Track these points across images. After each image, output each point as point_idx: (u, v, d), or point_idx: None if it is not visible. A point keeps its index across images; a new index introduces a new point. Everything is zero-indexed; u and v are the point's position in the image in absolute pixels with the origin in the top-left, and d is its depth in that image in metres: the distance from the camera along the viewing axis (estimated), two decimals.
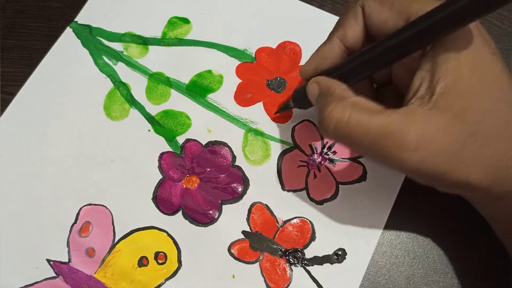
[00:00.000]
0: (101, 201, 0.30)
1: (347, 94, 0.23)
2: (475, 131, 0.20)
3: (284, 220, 0.29)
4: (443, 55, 0.21)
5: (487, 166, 0.21)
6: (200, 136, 0.31)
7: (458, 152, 0.20)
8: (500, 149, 0.21)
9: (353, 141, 0.22)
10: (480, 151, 0.21)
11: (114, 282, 0.28)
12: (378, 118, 0.21)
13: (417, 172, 0.21)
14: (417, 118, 0.21)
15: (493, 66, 0.21)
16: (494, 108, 0.21)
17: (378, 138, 0.21)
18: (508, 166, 0.21)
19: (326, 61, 0.25)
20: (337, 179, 0.30)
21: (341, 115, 0.21)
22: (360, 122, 0.21)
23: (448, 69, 0.21)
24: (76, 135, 0.31)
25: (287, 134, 0.31)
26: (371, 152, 0.22)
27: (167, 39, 0.34)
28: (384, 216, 0.29)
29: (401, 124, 0.20)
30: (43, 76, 0.33)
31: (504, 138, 0.21)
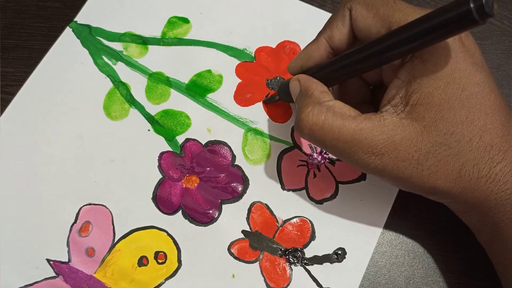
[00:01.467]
0: (101, 200, 0.30)
1: (324, 98, 0.23)
2: (446, 141, 0.21)
3: (284, 219, 0.29)
4: (420, 66, 0.21)
5: (456, 175, 0.22)
6: (199, 135, 0.31)
7: (422, 160, 0.22)
8: (471, 159, 0.22)
9: (326, 144, 0.23)
10: (448, 160, 0.22)
11: (114, 282, 0.28)
12: (350, 124, 0.22)
13: (382, 174, 0.23)
14: (387, 127, 0.22)
15: (472, 77, 0.21)
16: (469, 119, 0.21)
17: (348, 143, 0.22)
18: (480, 176, 0.22)
19: (312, 60, 0.26)
20: (336, 179, 0.30)
21: (316, 118, 0.23)
22: (332, 126, 0.22)
23: (422, 81, 0.21)
24: (76, 135, 0.31)
25: (287, 134, 0.31)
26: (342, 155, 0.23)
27: (167, 39, 0.34)
28: (384, 216, 0.29)
29: (371, 132, 0.22)
30: (43, 76, 0.33)
31: (477, 148, 0.21)
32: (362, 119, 0.22)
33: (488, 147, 0.21)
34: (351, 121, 0.22)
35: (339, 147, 0.23)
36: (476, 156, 0.21)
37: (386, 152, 0.22)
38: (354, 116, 0.22)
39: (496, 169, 0.22)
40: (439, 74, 0.21)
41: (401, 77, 0.22)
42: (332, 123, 0.22)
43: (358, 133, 0.22)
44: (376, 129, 0.22)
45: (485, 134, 0.21)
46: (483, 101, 0.21)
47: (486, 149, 0.21)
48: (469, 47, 0.22)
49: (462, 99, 0.21)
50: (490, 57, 0.33)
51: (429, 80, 0.21)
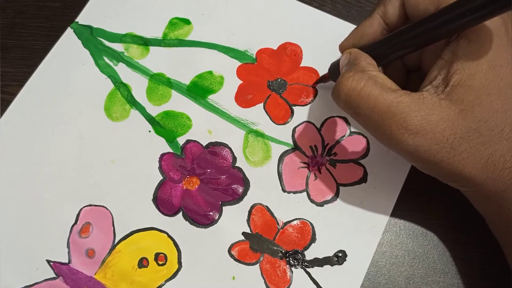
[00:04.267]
0: (101, 202, 0.30)
1: (369, 68, 0.23)
2: (479, 128, 0.21)
3: (284, 221, 0.29)
4: (465, 48, 0.21)
5: (483, 163, 0.22)
6: (200, 137, 0.31)
7: (456, 144, 0.21)
8: (500, 149, 0.21)
9: (360, 112, 0.22)
10: (479, 148, 0.21)
11: (114, 283, 0.28)
12: (388, 96, 0.22)
13: (413, 155, 0.22)
14: (426, 105, 0.21)
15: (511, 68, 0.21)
16: (504, 109, 0.21)
17: (383, 115, 0.22)
18: (505, 167, 0.22)
19: (365, 37, 0.26)
20: (337, 181, 0.30)
21: (356, 84, 0.22)
22: (370, 94, 0.22)
23: (466, 63, 0.21)
24: (77, 136, 0.31)
25: (288, 136, 0.31)
26: (375, 127, 0.22)
27: (168, 40, 0.34)
28: (385, 218, 0.29)
29: (408, 106, 0.21)
30: (44, 76, 0.33)
31: (507, 139, 0.21)
32: (402, 93, 0.22)
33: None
34: (390, 93, 0.22)
35: (373, 117, 0.22)
36: (504, 147, 0.21)
37: (421, 131, 0.21)
38: (394, 89, 0.22)
39: None
40: (481, 57, 0.21)
41: (444, 57, 0.22)
42: (371, 91, 0.22)
43: (394, 106, 0.21)
44: (414, 105, 0.21)
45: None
46: None
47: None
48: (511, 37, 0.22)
49: (500, 88, 0.21)
50: None
51: (472, 61, 0.21)
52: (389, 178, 0.30)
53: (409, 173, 0.30)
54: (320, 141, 0.31)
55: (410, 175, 0.30)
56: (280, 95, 0.32)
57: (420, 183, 0.29)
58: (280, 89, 0.32)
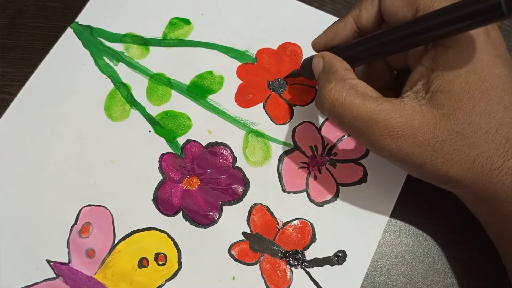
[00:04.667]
0: (101, 202, 0.30)
1: (347, 75, 0.24)
2: (463, 130, 0.21)
3: (284, 221, 0.29)
4: (443, 54, 0.21)
5: (469, 165, 0.22)
6: (200, 137, 0.31)
7: (438, 147, 0.22)
8: (486, 151, 0.22)
9: (344, 122, 0.23)
10: (463, 150, 0.22)
11: (114, 283, 0.28)
12: (370, 104, 0.22)
13: (396, 158, 0.23)
14: (406, 111, 0.22)
15: (494, 69, 0.21)
16: (487, 111, 0.21)
17: (366, 123, 0.22)
18: (492, 169, 0.22)
19: (337, 38, 0.26)
20: (337, 181, 0.30)
21: (338, 95, 0.23)
22: (353, 104, 0.23)
23: (445, 68, 0.21)
24: (77, 136, 0.31)
25: (288, 136, 0.31)
26: (359, 134, 0.23)
27: (168, 40, 0.34)
28: (385, 218, 0.29)
29: (389, 114, 0.22)
30: (44, 76, 0.33)
31: (493, 140, 0.22)
32: (383, 100, 0.22)
33: (503, 140, 0.22)
34: (372, 101, 0.22)
35: (356, 126, 0.23)
36: (491, 148, 0.22)
37: (403, 136, 0.22)
38: (375, 97, 0.23)
39: (510, 162, 0.22)
40: (461, 62, 0.21)
41: (424, 63, 0.22)
42: (353, 101, 0.23)
43: (376, 114, 0.22)
44: (395, 112, 0.22)
45: (502, 127, 0.22)
46: (503, 94, 0.22)
47: (502, 142, 0.22)
48: (494, 39, 0.22)
49: (482, 90, 0.21)
50: None
51: (451, 67, 0.21)
52: (389, 178, 0.30)
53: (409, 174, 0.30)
54: (320, 141, 0.31)
55: (410, 175, 0.30)
56: (280, 95, 0.32)
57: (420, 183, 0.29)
58: (280, 89, 0.32)
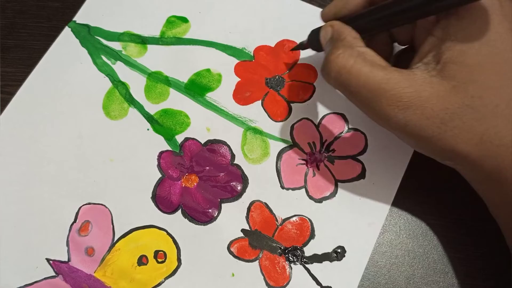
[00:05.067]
0: (101, 200, 0.30)
1: (356, 43, 0.23)
2: (473, 104, 0.21)
3: (283, 218, 0.29)
4: (455, 24, 0.21)
5: (477, 140, 0.21)
6: (199, 134, 0.31)
7: (447, 120, 0.21)
8: (495, 126, 0.21)
9: (351, 90, 0.22)
10: (472, 124, 0.21)
11: (114, 281, 0.28)
12: (379, 72, 0.21)
13: (403, 131, 0.22)
14: (416, 82, 0.21)
15: (507, 42, 0.21)
16: (499, 85, 0.21)
17: (374, 92, 0.22)
18: (500, 144, 0.21)
19: (347, 7, 0.25)
20: (336, 177, 0.30)
21: (346, 62, 0.22)
22: (360, 72, 0.22)
23: (457, 39, 0.21)
24: (75, 135, 0.31)
25: (286, 133, 0.31)
26: (366, 104, 0.22)
27: (166, 38, 0.34)
28: (383, 214, 0.29)
29: (398, 83, 0.21)
30: (42, 75, 0.33)
31: (502, 116, 0.21)
32: (392, 70, 0.22)
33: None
34: (380, 69, 0.22)
35: (363, 94, 0.22)
36: (499, 123, 0.21)
37: (411, 107, 0.21)
38: (384, 66, 0.22)
39: None
40: (474, 33, 0.21)
41: (435, 34, 0.22)
42: (361, 68, 0.22)
43: (385, 82, 0.21)
44: (405, 81, 0.21)
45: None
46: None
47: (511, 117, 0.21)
48: (507, 12, 0.21)
49: (494, 63, 0.21)
50: None
51: (463, 38, 0.21)
52: (388, 174, 0.29)
53: (408, 169, 0.29)
54: (318, 138, 0.31)
55: (408, 170, 0.29)
56: (278, 92, 0.32)
57: (419, 181, 0.29)
58: (278, 86, 0.32)
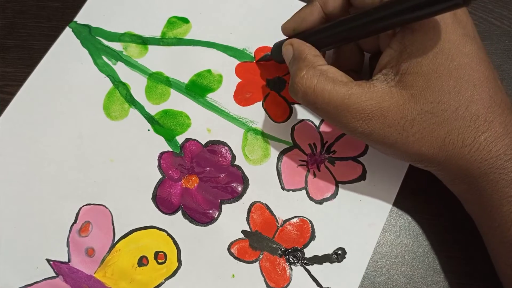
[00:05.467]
0: (101, 200, 0.30)
1: (317, 62, 0.24)
2: (432, 109, 0.22)
3: (283, 219, 0.29)
4: (410, 36, 0.22)
5: (440, 143, 0.22)
6: (199, 135, 0.31)
7: (408, 126, 0.22)
8: (457, 128, 0.22)
9: (317, 107, 0.24)
10: (434, 128, 0.22)
11: (114, 282, 0.28)
12: (341, 89, 0.23)
13: (369, 139, 0.24)
14: (376, 94, 0.23)
15: (461, 48, 0.22)
16: (456, 89, 0.22)
17: (338, 107, 0.23)
18: (464, 145, 0.22)
19: (305, 23, 0.27)
20: (336, 178, 0.30)
21: (310, 82, 0.24)
22: (324, 90, 0.23)
23: (412, 50, 0.22)
24: (76, 135, 0.31)
25: (287, 134, 0.31)
26: (332, 119, 0.24)
27: (167, 39, 0.34)
28: (384, 215, 0.29)
29: (360, 97, 0.23)
30: (43, 76, 0.33)
31: (463, 118, 0.22)
32: (353, 85, 0.23)
33: (474, 117, 0.22)
34: (342, 86, 0.23)
35: (329, 110, 0.24)
36: (461, 125, 0.22)
37: (374, 118, 0.23)
38: (346, 82, 0.23)
39: (481, 138, 0.22)
40: (427, 43, 0.22)
41: (392, 46, 0.23)
42: (324, 87, 0.23)
43: (347, 98, 0.23)
44: (365, 95, 0.23)
45: (472, 104, 0.22)
46: (471, 72, 0.22)
47: (472, 119, 0.22)
48: (460, 18, 0.22)
49: (450, 69, 0.22)
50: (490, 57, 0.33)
51: (418, 49, 0.22)
52: (388, 175, 0.29)
53: (408, 170, 0.30)
54: (319, 139, 0.31)
55: (408, 171, 0.29)
56: (279, 93, 0.32)
57: (419, 182, 0.29)
58: (279, 87, 0.32)
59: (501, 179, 0.22)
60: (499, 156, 0.22)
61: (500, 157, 0.22)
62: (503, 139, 0.22)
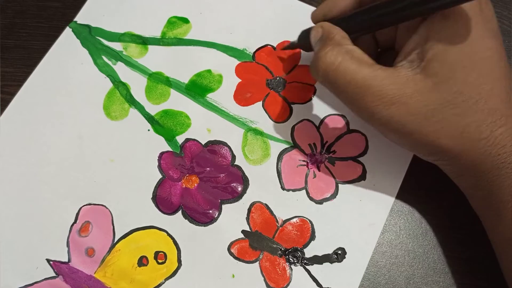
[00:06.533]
0: (101, 200, 0.30)
1: (344, 42, 0.24)
2: (454, 100, 0.22)
3: (283, 219, 0.29)
4: (439, 23, 0.22)
5: (458, 135, 0.22)
6: (199, 135, 0.31)
7: (429, 116, 0.22)
8: (475, 121, 0.22)
9: (338, 86, 0.23)
10: (453, 119, 0.22)
11: (114, 282, 0.28)
12: (365, 70, 0.23)
13: (386, 126, 0.23)
14: (400, 79, 0.22)
15: (486, 42, 0.22)
16: (478, 82, 0.22)
17: (359, 88, 0.23)
18: (480, 138, 0.22)
19: (337, 8, 0.26)
20: (336, 178, 0.30)
21: (333, 59, 0.23)
22: (347, 69, 0.23)
23: (440, 38, 0.22)
24: (76, 135, 0.31)
25: (287, 134, 0.31)
26: (351, 100, 0.23)
27: (167, 39, 0.34)
28: (384, 215, 0.29)
29: (383, 80, 0.22)
30: (43, 76, 0.33)
31: (482, 111, 0.22)
32: (377, 67, 0.23)
33: (492, 110, 0.22)
34: (366, 67, 0.23)
35: (349, 91, 0.23)
36: (480, 118, 0.22)
37: (395, 104, 0.22)
38: (371, 64, 0.23)
39: (497, 132, 0.22)
40: (456, 33, 0.22)
41: (420, 33, 0.23)
42: (348, 66, 0.23)
43: (370, 80, 0.22)
44: (389, 78, 0.22)
45: (491, 98, 0.22)
46: (492, 67, 0.22)
47: (490, 112, 0.22)
48: (486, 14, 0.22)
49: (474, 61, 0.22)
50: None
51: (446, 37, 0.22)
52: (388, 175, 0.29)
53: (408, 170, 0.30)
54: (319, 139, 0.31)
55: (409, 171, 0.29)
56: (279, 93, 0.32)
57: (420, 182, 0.29)
58: (279, 87, 0.32)
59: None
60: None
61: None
62: None
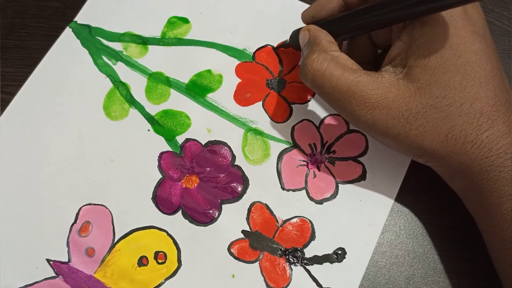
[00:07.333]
0: (101, 200, 0.30)
1: (330, 48, 0.25)
2: (437, 104, 0.22)
3: (283, 219, 0.29)
4: (420, 29, 0.22)
5: (443, 138, 0.23)
6: (199, 135, 0.31)
7: (411, 119, 0.23)
8: (460, 124, 0.22)
9: (324, 91, 0.24)
10: (437, 123, 0.22)
11: (114, 282, 0.28)
12: (349, 76, 0.23)
13: (372, 129, 0.24)
14: (383, 84, 0.23)
15: (470, 45, 0.22)
16: (462, 86, 0.22)
17: (344, 93, 0.23)
18: (466, 141, 0.22)
19: (324, 11, 0.27)
20: (336, 178, 0.30)
21: (320, 65, 0.24)
22: (332, 75, 0.23)
23: (421, 44, 0.22)
24: (76, 135, 0.31)
25: (287, 134, 0.31)
26: (337, 105, 0.24)
27: (167, 39, 0.34)
28: (384, 215, 0.29)
29: (367, 85, 0.23)
30: (43, 76, 0.33)
31: (467, 114, 0.22)
32: (362, 73, 0.23)
33: (477, 114, 0.22)
34: (351, 73, 0.23)
35: (335, 96, 0.24)
36: (464, 122, 0.22)
37: (378, 107, 0.23)
38: (355, 70, 0.24)
39: (483, 136, 0.22)
40: (436, 38, 0.22)
41: (402, 39, 0.23)
42: (333, 71, 0.24)
43: (354, 85, 0.23)
44: (372, 84, 0.23)
45: (476, 101, 0.22)
46: (478, 70, 0.22)
47: (476, 116, 0.22)
48: (471, 16, 0.22)
49: (457, 65, 0.22)
50: None
51: (426, 42, 0.22)
52: (388, 175, 0.29)
53: (408, 170, 0.30)
54: (319, 139, 0.31)
55: (409, 171, 0.29)
56: (279, 93, 0.32)
57: (420, 182, 0.29)
58: (279, 87, 0.32)
59: (501, 177, 0.22)
60: (500, 155, 0.22)
61: (501, 155, 0.22)
62: (505, 137, 0.22)
